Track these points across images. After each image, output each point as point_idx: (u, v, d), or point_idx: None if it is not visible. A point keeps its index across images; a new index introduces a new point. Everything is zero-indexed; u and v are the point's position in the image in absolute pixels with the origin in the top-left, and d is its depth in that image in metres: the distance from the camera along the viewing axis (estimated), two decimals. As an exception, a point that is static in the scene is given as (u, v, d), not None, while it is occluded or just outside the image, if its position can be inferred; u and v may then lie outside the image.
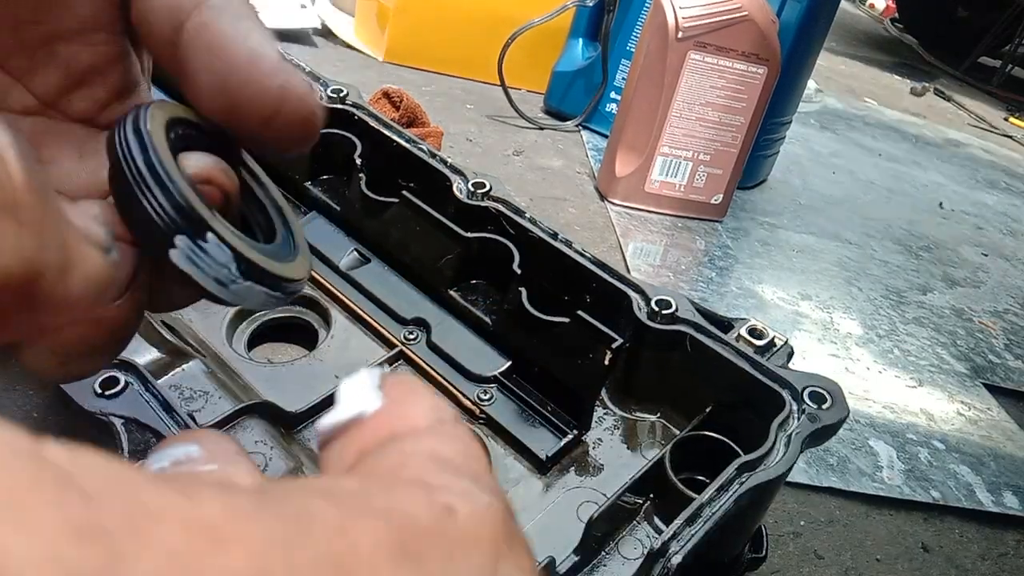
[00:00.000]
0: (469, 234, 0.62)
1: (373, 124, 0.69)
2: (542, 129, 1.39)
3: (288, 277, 0.24)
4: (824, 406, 0.49)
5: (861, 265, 1.24)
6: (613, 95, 1.38)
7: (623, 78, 1.34)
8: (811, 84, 1.93)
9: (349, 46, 1.53)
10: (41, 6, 0.22)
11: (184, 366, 0.54)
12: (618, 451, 0.56)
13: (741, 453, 0.48)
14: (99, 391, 0.46)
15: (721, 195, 1.20)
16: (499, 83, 1.33)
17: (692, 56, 1.09)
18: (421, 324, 0.62)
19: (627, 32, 1.36)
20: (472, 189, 0.63)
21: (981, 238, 1.50)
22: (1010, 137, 2.41)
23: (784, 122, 1.39)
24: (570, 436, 0.55)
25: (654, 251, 1.11)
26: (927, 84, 2.65)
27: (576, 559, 0.46)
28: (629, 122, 1.15)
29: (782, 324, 1.00)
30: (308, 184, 0.72)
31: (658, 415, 0.59)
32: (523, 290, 0.57)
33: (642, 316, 0.55)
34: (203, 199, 0.22)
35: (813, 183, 1.52)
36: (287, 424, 0.53)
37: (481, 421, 0.57)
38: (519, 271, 0.59)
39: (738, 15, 1.07)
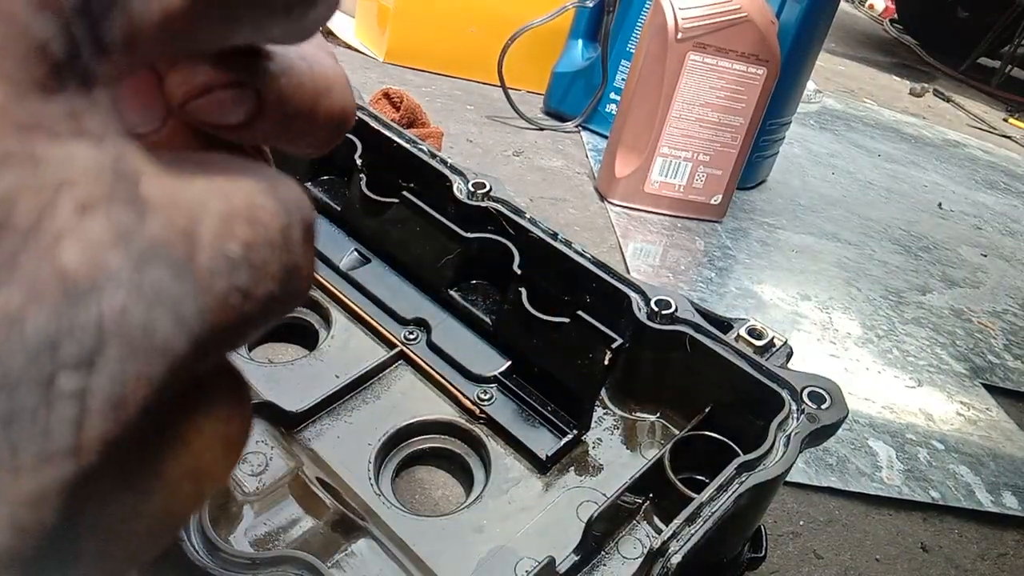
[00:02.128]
0: (469, 234, 0.62)
1: (373, 125, 0.69)
2: (542, 130, 1.39)
3: None
4: (823, 406, 0.49)
5: (860, 265, 1.24)
6: (613, 96, 1.39)
7: (623, 79, 1.34)
8: (810, 85, 1.93)
9: (349, 47, 1.53)
10: None
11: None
12: (618, 451, 0.56)
13: (740, 453, 0.49)
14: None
15: (720, 195, 1.20)
16: (499, 84, 1.33)
17: (692, 57, 1.09)
18: (421, 324, 0.62)
19: (627, 33, 1.36)
20: (472, 189, 0.63)
21: (980, 238, 1.50)
22: (1009, 138, 2.41)
23: (783, 123, 1.39)
24: (570, 436, 0.55)
25: (654, 251, 1.11)
26: (926, 85, 2.65)
27: (576, 559, 0.46)
28: (629, 123, 1.15)
29: (781, 324, 1.01)
30: (309, 184, 0.72)
31: (658, 415, 0.59)
32: (523, 290, 0.57)
33: (642, 316, 0.55)
34: None
35: (812, 184, 1.52)
36: (287, 424, 0.53)
37: (481, 421, 0.57)
38: (519, 271, 0.59)
39: (738, 16, 1.08)
